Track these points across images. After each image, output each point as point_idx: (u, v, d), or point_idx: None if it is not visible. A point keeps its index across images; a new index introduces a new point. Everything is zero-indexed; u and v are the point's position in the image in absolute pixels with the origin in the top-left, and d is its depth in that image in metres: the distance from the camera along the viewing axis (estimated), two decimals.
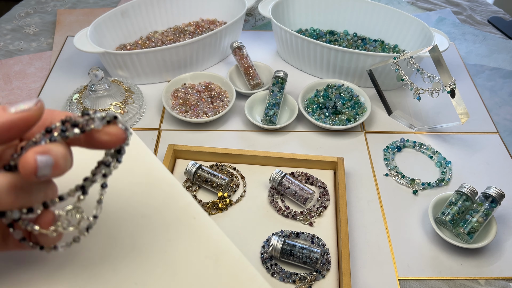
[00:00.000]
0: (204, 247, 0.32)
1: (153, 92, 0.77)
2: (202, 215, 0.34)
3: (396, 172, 0.64)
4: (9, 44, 0.91)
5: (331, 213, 0.58)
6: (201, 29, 0.88)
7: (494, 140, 0.71)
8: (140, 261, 0.31)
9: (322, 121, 0.70)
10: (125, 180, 0.36)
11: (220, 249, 0.32)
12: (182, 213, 0.34)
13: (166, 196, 0.35)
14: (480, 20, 1.02)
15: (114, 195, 0.35)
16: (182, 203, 0.34)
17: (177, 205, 0.34)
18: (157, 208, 0.34)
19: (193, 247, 0.32)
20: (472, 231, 0.53)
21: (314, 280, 0.51)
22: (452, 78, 0.63)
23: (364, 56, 0.72)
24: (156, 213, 0.34)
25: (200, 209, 0.34)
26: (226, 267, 0.31)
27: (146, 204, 0.34)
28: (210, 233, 0.33)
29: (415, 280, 0.52)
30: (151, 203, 0.34)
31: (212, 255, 0.31)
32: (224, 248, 0.32)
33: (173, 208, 0.34)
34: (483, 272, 0.53)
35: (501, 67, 0.87)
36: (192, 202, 0.34)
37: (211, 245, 0.32)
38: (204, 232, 0.33)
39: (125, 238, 0.32)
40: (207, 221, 0.33)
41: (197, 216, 0.34)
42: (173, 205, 0.34)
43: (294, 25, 0.89)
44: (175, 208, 0.34)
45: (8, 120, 0.24)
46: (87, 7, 1.03)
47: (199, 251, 0.32)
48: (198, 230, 0.33)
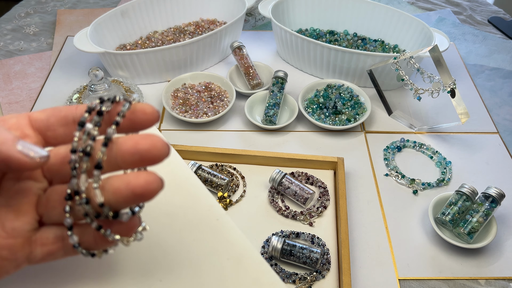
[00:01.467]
0: (227, 249, 0.32)
1: (153, 92, 0.77)
2: (225, 217, 0.34)
3: (396, 172, 0.64)
4: (9, 44, 0.91)
5: (331, 213, 0.58)
6: (201, 29, 0.88)
7: (494, 140, 0.71)
8: (165, 259, 0.31)
9: (322, 121, 0.70)
10: None
11: (242, 252, 0.32)
12: (205, 214, 0.34)
13: (190, 196, 0.35)
14: (480, 20, 1.02)
15: None
16: (205, 204, 0.35)
17: (201, 206, 0.35)
18: (181, 208, 0.34)
19: (216, 248, 0.32)
20: (472, 231, 0.53)
21: (314, 280, 0.51)
22: (452, 78, 0.63)
23: (364, 56, 0.72)
24: (180, 213, 0.34)
25: (223, 211, 0.34)
26: (247, 270, 0.31)
27: (171, 203, 0.34)
28: (232, 236, 0.33)
29: (415, 280, 0.52)
30: (176, 202, 0.35)
31: (234, 257, 0.32)
32: (245, 251, 0.32)
33: (197, 209, 0.34)
34: (483, 272, 0.53)
35: (501, 67, 0.87)
36: (214, 204, 0.35)
37: (233, 248, 0.32)
38: (227, 234, 0.33)
39: (150, 236, 0.32)
40: (229, 224, 0.34)
41: (220, 218, 0.34)
42: (196, 206, 0.35)
43: (294, 25, 0.89)
44: (198, 208, 0.34)
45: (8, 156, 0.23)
46: (87, 7, 1.03)
47: (222, 252, 0.32)
48: (221, 232, 0.33)
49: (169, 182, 0.36)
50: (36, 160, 0.23)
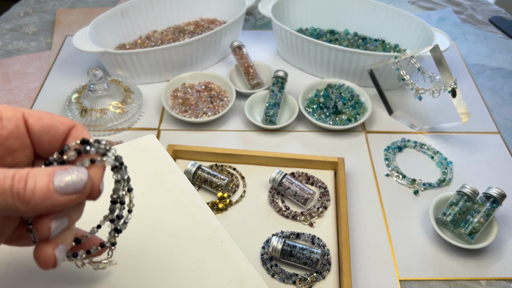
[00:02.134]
0: (230, 270, 0.33)
1: (152, 92, 0.77)
2: (229, 240, 0.35)
3: (397, 172, 0.64)
4: (8, 44, 0.90)
5: (331, 213, 0.58)
6: (200, 28, 0.88)
7: (495, 140, 0.70)
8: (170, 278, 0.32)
9: (323, 121, 0.69)
10: (159, 199, 0.37)
11: (245, 275, 0.33)
12: (210, 236, 0.35)
13: (196, 218, 0.36)
14: (481, 20, 1.01)
15: (148, 211, 0.36)
16: (210, 226, 0.36)
17: (206, 228, 0.36)
18: (187, 229, 0.36)
19: (220, 269, 0.33)
20: (473, 232, 0.52)
21: (315, 281, 0.50)
22: (453, 78, 0.63)
23: (365, 55, 0.72)
24: (186, 234, 0.35)
25: (227, 234, 0.36)
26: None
27: (178, 224, 0.36)
28: (236, 259, 0.34)
29: (416, 281, 0.52)
30: (182, 223, 0.36)
31: (238, 279, 0.33)
32: (248, 274, 0.33)
33: (202, 230, 0.36)
34: (484, 272, 0.53)
35: (502, 66, 0.87)
36: (219, 226, 0.36)
37: (236, 270, 0.33)
38: (231, 257, 0.34)
39: (157, 254, 0.33)
40: (233, 247, 0.35)
41: (224, 240, 0.35)
42: (202, 227, 0.36)
43: (294, 24, 0.88)
44: (204, 230, 0.36)
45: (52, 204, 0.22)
46: (86, 6, 1.02)
47: (226, 274, 0.33)
48: (225, 254, 0.34)
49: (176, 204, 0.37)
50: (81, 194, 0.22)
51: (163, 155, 0.41)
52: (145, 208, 0.36)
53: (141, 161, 0.40)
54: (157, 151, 0.41)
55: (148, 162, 0.40)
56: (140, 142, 0.42)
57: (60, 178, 0.22)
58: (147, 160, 0.40)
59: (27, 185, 0.21)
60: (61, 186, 0.22)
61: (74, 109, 0.70)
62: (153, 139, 0.42)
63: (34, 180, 0.21)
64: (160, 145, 0.42)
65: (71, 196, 0.22)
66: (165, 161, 0.40)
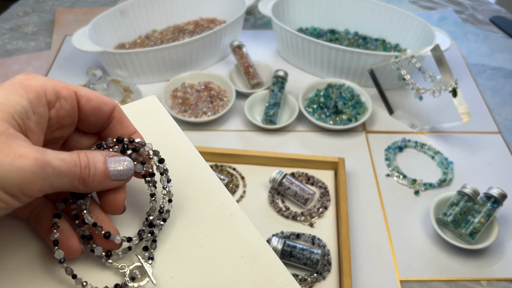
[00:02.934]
0: (241, 246, 0.31)
1: (152, 92, 0.77)
2: (239, 212, 0.33)
3: (397, 173, 0.63)
4: (7, 44, 0.90)
5: (331, 213, 0.58)
6: (200, 28, 0.87)
7: (496, 140, 0.70)
8: (176, 254, 0.30)
9: (323, 121, 0.69)
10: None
11: (257, 251, 0.31)
12: (219, 208, 0.33)
13: (203, 189, 0.34)
14: (482, 19, 1.01)
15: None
16: (219, 198, 0.33)
17: (215, 199, 0.33)
18: (193, 200, 0.33)
19: (230, 245, 0.31)
20: (474, 232, 0.52)
21: (315, 282, 0.50)
22: (454, 78, 0.62)
23: (365, 55, 0.72)
24: (192, 206, 0.33)
25: (237, 206, 0.33)
26: (262, 270, 0.30)
27: (183, 195, 0.33)
28: (247, 233, 0.32)
29: (416, 281, 0.52)
30: (188, 194, 0.33)
31: (249, 256, 0.30)
32: (261, 250, 0.31)
33: (210, 202, 0.33)
34: (484, 273, 0.53)
35: (502, 66, 0.87)
36: (229, 198, 0.33)
37: (248, 246, 0.31)
38: (241, 231, 0.32)
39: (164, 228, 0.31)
40: (243, 220, 0.32)
41: (234, 213, 0.32)
42: (210, 199, 0.33)
43: (294, 24, 0.88)
44: (212, 202, 0.33)
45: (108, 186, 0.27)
46: (86, 6, 1.02)
47: (236, 250, 0.31)
48: (235, 228, 0.32)
49: (182, 173, 0.34)
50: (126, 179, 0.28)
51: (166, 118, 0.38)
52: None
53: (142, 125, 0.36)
54: (160, 115, 0.38)
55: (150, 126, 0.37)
56: (141, 105, 0.39)
57: (114, 167, 0.27)
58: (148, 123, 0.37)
59: (89, 171, 0.25)
60: (115, 174, 0.27)
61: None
62: (155, 101, 0.39)
63: (94, 166, 0.25)
64: (163, 108, 0.39)
65: (120, 182, 0.27)
66: (169, 126, 0.37)
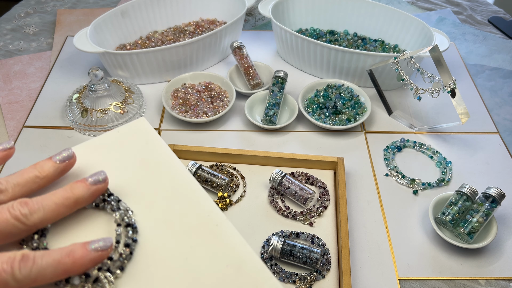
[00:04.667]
0: (226, 255, 0.31)
1: (153, 92, 0.77)
2: (225, 222, 0.33)
3: (396, 172, 0.64)
4: (9, 44, 0.90)
5: (331, 213, 0.58)
6: (201, 29, 0.88)
7: (495, 140, 0.71)
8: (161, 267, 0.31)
9: (322, 121, 0.70)
10: (150, 184, 0.36)
11: (242, 258, 0.31)
12: (204, 219, 0.33)
13: (189, 202, 0.35)
14: (480, 20, 1.02)
15: (139, 198, 0.35)
16: (205, 209, 0.34)
17: (200, 211, 0.34)
18: (180, 214, 0.34)
19: (215, 254, 0.31)
20: (473, 231, 0.53)
21: (314, 280, 0.50)
22: (453, 78, 0.63)
23: (364, 56, 0.72)
24: (178, 219, 0.33)
25: (223, 216, 0.34)
26: (247, 277, 0.30)
27: (170, 209, 0.34)
28: (232, 241, 0.32)
29: (415, 280, 0.52)
30: (175, 208, 0.34)
31: (234, 264, 0.31)
32: (246, 257, 0.31)
33: (195, 214, 0.34)
34: (483, 272, 0.53)
35: (501, 67, 0.87)
36: (214, 209, 0.34)
37: (233, 254, 0.31)
38: (226, 240, 0.32)
39: (147, 243, 0.32)
40: (229, 229, 0.33)
41: (219, 223, 0.33)
42: (196, 211, 0.34)
43: (294, 25, 0.89)
44: (197, 214, 0.34)
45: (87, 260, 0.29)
46: (87, 7, 1.03)
47: (221, 259, 0.31)
48: (220, 238, 0.32)
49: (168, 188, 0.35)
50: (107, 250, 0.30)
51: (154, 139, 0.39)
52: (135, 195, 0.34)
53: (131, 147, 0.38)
54: (148, 135, 0.39)
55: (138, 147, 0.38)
56: (130, 127, 0.40)
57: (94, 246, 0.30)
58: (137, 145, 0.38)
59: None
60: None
61: (74, 109, 0.70)
62: (143, 122, 0.40)
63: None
64: (151, 129, 0.40)
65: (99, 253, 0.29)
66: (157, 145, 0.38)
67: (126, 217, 0.32)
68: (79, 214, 0.33)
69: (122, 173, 0.36)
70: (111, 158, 0.37)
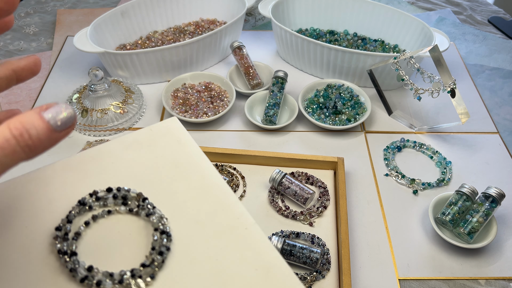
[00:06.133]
0: (255, 259, 0.31)
1: (153, 92, 0.77)
2: (254, 226, 0.33)
3: (396, 172, 0.64)
4: (9, 44, 0.91)
5: (331, 213, 0.58)
6: (201, 29, 0.88)
7: (494, 140, 0.71)
8: (191, 267, 0.31)
9: (322, 121, 0.70)
10: (181, 184, 0.36)
11: (271, 263, 0.31)
12: (234, 222, 0.33)
13: (219, 204, 0.35)
14: (480, 20, 1.02)
15: (170, 197, 0.35)
16: (235, 212, 0.34)
17: (230, 214, 0.34)
18: (210, 215, 0.34)
19: (244, 258, 0.31)
20: (472, 231, 0.53)
21: (314, 280, 0.51)
22: (452, 78, 0.63)
23: (364, 56, 0.72)
24: (209, 220, 0.33)
25: (252, 220, 0.34)
26: (275, 282, 0.30)
27: (200, 210, 0.34)
28: (261, 246, 0.32)
29: (415, 280, 0.52)
30: (205, 209, 0.34)
31: (263, 268, 0.31)
32: (274, 262, 0.31)
33: (226, 217, 0.34)
34: (483, 272, 0.53)
35: (501, 67, 0.87)
36: (244, 212, 0.34)
37: (261, 258, 0.31)
38: (255, 244, 0.32)
39: (177, 242, 0.32)
40: (258, 233, 0.33)
41: (249, 227, 0.33)
42: (226, 214, 0.34)
43: (294, 25, 0.89)
44: (227, 216, 0.34)
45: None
46: (87, 7, 1.03)
47: (250, 262, 0.31)
48: (250, 241, 0.32)
49: (199, 189, 0.36)
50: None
51: (186, 139, 0.39)
52: (167, 195, 0.35)
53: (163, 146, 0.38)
54: (180, 134, 0.39)
55: (170, 147, 0.38)
56: (162, 126, 0.40)
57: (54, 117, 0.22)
58: (169, 144, 0.39)
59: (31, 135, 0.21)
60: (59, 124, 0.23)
61: (75, 109, 0.70)
62: (176, 122, 0.41)
63: (33, 127, 0.21)
64: (182, 128, 0.40)
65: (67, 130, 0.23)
66: (188, 145, 0.39)
67: (161, 223, 0.32)
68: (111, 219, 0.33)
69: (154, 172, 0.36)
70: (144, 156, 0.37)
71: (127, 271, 0.29)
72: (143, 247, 0.32)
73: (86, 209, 0.33)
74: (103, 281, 0.29)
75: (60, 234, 0.31)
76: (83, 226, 0.32)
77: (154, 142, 0.39)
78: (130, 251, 0.31)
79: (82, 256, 0.31)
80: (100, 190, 0.33)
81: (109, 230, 0.32)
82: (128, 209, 0.33)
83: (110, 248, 0.31)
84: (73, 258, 0.30)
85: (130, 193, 0.34)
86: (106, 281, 0.29)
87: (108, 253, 0.31)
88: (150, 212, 0.33)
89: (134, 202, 0.34)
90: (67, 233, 0.31)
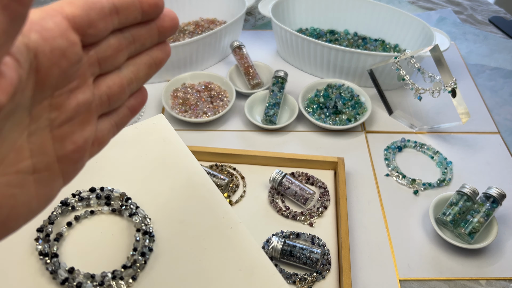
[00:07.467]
0: (239, 259, 0.31)
1: (152, 92, 0.77)
2: (239, 225, 0.33)
3: (396, 172, 0.64)
4: None
5: (331, 213, 0.58)
6: (200, 28, 0.88)
7: (495, 140, 0.70)
8: (174, 268, 0.31)
9: (323, 121, 0.69)
10: (166, 184, 0.35)
11: (255, 263, 0.31)
12: (219, 222, 0.33)
13: (204, 203, 0.34)
14: (481, 20, 1.02)
15: (154, 197, 0.35)
16: (220, 212, 0.34)
17: (215, 214, 0.34)
18: (195, 215, 0.34)
19: (228, 258, 0.31)
20: (473, 232, 0.53)
21: (315, 281, 0.50)
22: (453, 78, 0.63)
23: (365, 55, 0.72)
24: (193, 220, 0.33)
25: (237, 219, 0.33)
26: (259, 282, 0.30)
27: (185, 210, 0.34)
28: (246, 245, 0.32)
29: (415, 281, 0.52)
30: (190, 209, 0.34)
31: (247, 268, 0.30)
32: (259, 262, 0.31)
33: (210, 216, 0.33)
34: (484, 272, 0.53)
35: (502, 66, 0.87)
36: (229, 211, 0.34)
37: (246, 258, 0.31)
38: (240, 244, 0.32)
39: (161, 243, 0.32)
40: (243, 233, 0.33)
41: (234, 226, 0.33)
42: (211, 213, 0.34)
43: (294, 24, 0.88)
44: (212, 216, 0.33)
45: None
46: None
47: (234, 263, 0.31)
48: (234, 241, 0.32)
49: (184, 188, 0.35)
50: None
51: (172, 136, 0.39)
52: (151, 194, 0.34)
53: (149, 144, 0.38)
54: (166, 132, 0.39)
55: (156, 145, 0.38)
56: (148, 124, 0.40)
57: None
58: (154, 142, 0.38)
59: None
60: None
61: None
62: (162, 119, 0.40)
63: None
64: (169, 126, 0.40)
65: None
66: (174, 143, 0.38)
67: (144, 224, 0.32)
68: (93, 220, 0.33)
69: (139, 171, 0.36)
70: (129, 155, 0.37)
71: (108, 273, 0.29)
72: (125, 247, 0.31)
73: (69, 210, 0.33)
74: (84, 283, 0.29)
75: (41, 236, 0.31)
76: (65, 227, 0.32)
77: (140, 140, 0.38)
78: (113, 252, 0.31)
79: (64, 257, 0.30)
80: (83, 190, 0.33)
81: (92, 231, 0.32)
82: (112, 209, 0.33)
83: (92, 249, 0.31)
84: (54, 260, 0.29)
85: (113, 193, 0.33)
86: (87, 283, 0.29)
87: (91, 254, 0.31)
88: (133, 212, 0.32)
89: (117, 202, 0.33)
90: (48, 234, 0.31)
